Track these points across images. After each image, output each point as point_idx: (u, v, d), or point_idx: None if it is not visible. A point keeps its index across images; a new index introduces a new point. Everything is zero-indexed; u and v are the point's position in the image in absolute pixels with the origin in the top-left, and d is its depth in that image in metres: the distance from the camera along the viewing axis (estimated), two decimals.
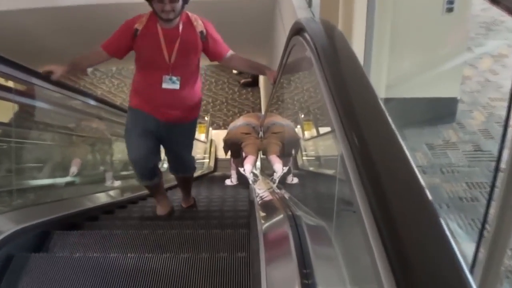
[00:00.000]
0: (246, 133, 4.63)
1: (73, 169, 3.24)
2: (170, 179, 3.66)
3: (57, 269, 1.55)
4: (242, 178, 4.62)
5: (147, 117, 2.27)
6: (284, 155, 4.53)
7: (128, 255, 1.56)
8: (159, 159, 2.43)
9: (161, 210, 2.69)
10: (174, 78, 2.15)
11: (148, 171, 2.41)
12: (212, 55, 2.26)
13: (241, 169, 4.45)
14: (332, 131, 0.78)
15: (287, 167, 4.12)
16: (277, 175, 3.99)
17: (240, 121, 4.86)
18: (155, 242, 1.74)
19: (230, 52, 2.28)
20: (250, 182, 4.15)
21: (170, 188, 3.90)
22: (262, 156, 5.50)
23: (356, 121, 0.71)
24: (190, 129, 2.43)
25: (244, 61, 2.31)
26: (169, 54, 2.11)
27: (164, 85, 2.13)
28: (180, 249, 1.71)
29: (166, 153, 2.48)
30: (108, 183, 3.87)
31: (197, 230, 1.79)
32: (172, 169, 2.59)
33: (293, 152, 4.70)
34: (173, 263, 1.51)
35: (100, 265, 1.54)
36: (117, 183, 4.00)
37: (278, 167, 4.10)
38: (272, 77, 2.25)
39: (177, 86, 2.15)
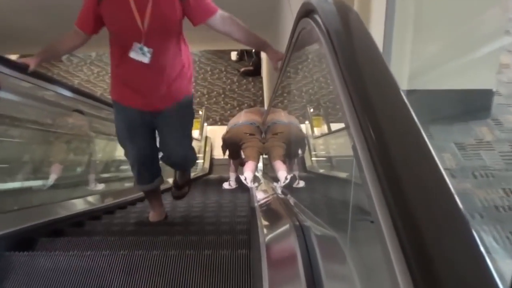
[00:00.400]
0: (250, 134, 4.70)
1: (53, 177, 3.26)
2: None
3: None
4: (241, 181, 4.67)
5: (129, 112, 2.26)
6: (289, 157, 4.61)
7: None
8: (155, 156, 2.44)
9: (154, 216, 2.74)
10: (146, 49, 2.09)
11: (148, 174, 2.46)
12: (196, 16, 2.11)
13: (241, 177, 4.49)
14: (346, 128, 0.78)
15: (291, 175, 4.14)
16: (280, 184, 4.03)
17: (242, 118, 4.92)
18: (130, 267, 1.70)
19: (221, 13, 2.12)
20: (251, 187, 4.17)
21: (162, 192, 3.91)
22: (265, 156, 5.53)
23: (374, 116, 0.72)
24: (183, 112, 2.34)
25: (240, 27, 2.14)
26: (142, 20, 2.04)
27: (132, 54, 2.08)
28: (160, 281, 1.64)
29: (160, 145, 2.46)
30: (91, 186, 3.89)
31: (184, 251, 1.74)
32: (168, 163, 2.53)
33: (299, 152, 4.74)
34: None
35: None
36: (101, 186, 4.02)
37: (282, 175, 4.14)
38: (276, 61, 2.16)
39: (146, 59, 2.09)
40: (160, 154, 2.48)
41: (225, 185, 4.96)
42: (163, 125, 2.31)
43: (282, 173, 4.19)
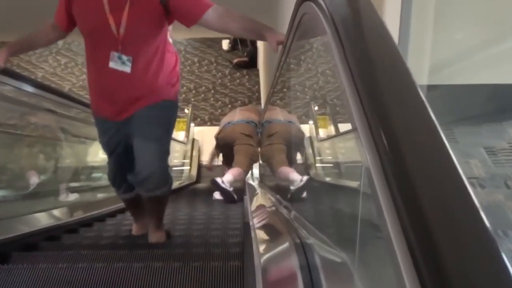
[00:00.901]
0: (246, 135, 4.77)
1: (33, 180, 3.31)
2: None
3: None
4: (237, 191, 4.70)
5: (107, 126, 2.36)
6: (288, 161, 4.67)
7: None
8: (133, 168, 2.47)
9: (138, 229, 2.76)
10: (125, 57, 2.10)
11: (127, 184, 2.52)
12: (186, 18, 2.11)
13: (218, 179, 4.51)
14: (354, 130, 0.78)
15: (307, 177, 4.19)
16: (297, 185, 4.06)
17: (238, 116, 4.98)
18: (111, 280, 1.73)
19: (214, 9, 2.09)
20: (245, 199, 4.19)
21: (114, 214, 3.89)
22: (261, 162, 5.55)
23: (386, 117, 0.72)
24: (157, 113, 2.28)
25: (237, 18, 2.09)
26: (117, 24, 2.06)
27: (112, 64, 2.09)
28: None
29: (132, 164, 2.41)
30: (61, 197, 3.88)
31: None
32: (136, 182, 2.39)
33: (297, 156, 4.80)
34: None
35: None
36: (73, 196, 4.02)
37: (296, 177, 4.16)
38: (275, 41, 2.13)
39: (127, 68, 2.10)
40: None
41: (216, 195, 4.98)
42: (133, 130, 2.30)
43: (294, 175, 4.23)
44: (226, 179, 4.58)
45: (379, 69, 0.85)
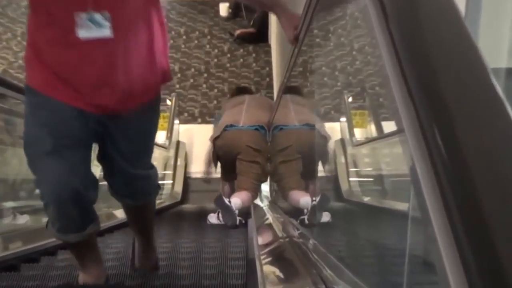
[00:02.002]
0: (255, 149, 4.89)
1: None
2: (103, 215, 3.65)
3: None
4: (241, 215, 4.77)
5: (62, 110, 2.22)
6: (306, 177, 4.83)
7: None
8: (95, 184, 2.42)
9: (87, 278, 2.68)
10: (98, 16, 2.09)
11: (77, 216, 2.37)
12: None
13: (226, 200, 4.76)
14: (399, 132, 0.79)
15: (319, 197, 4.23)
16: (308, 211, 4.11)
17: (244, 117, 5.06)
18: None
19: None
20: (251, 225, 4.21)
21: (102, 233, 3.92)
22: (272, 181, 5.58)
23: (444, 116, 0.73)
24: (149, 118, 2.39)
25: None
26: None
27: (83, 33, 2.07)
28: None
29: (104, 165, 2.45)
30: (7, 220, 3.90)
31: None
32: (118, 193, 2.51)
33: (317, 168, 4.88)
34: None
35: None
36: (24, 219, 4.04)
37: (305, 202, 4.33)
38: (293, 29, 2.13)
39: (106, 31, 2.05)
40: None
41: (212, 219, 5.02)
42: (117, 136, 2.31)
43: (305, 199, 4.31)
44: (235, 202, 4.72)
45: (434, 47, 0.86)
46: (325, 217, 4.10)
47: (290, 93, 5.06)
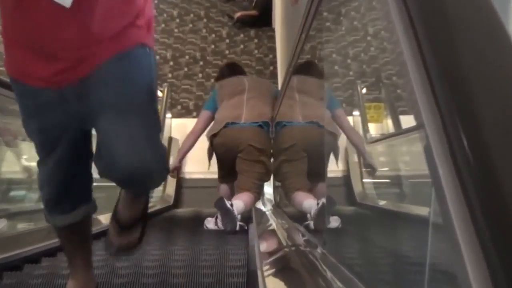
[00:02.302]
0: (259, 150, 4.95)
1: None
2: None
3: None
4: (243, 219, 4.77)
5: (41, 100, 2.25)
6: (312, 178, 4.87)
7: None
8: (88, 164, 2.44)
9: (76, 285, 2.72)
10: None
11: (66, 196, 2.46)
12: None
13: (227, 202, 4.76)
14: (419, 127, 0.79)
15: (324, 200, 4.24)
16: (313, 215, 4.12)
17: (246, 112, 5.09)
18: None
19: None
20: (251, 232, 4.22)
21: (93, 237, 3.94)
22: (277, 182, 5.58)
23: (470, 110, 0.73)
24: (134, 71, 2.31)
25: None
26: None
27: None
28: None
29: (98, 145, 2.44)
30: None
31: None
32: (113, 178, 2.49)
33: (324, 169, 4.89)
34: None
35: None
36: (1, 223, 4.06)
37: (309, 205, 4.36)
38: None
39: None
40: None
41: (209, 224, 5.03)
42: (95, 103, 2.29)
43: (309, 202, 4.33)
44: (237, 205, 4.74)
45: (459, 30, 0.85)
46: (334, 222, 4.12)
47: (299, 73, 5.00)
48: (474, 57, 0.80)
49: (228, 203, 4.71)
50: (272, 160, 5.19)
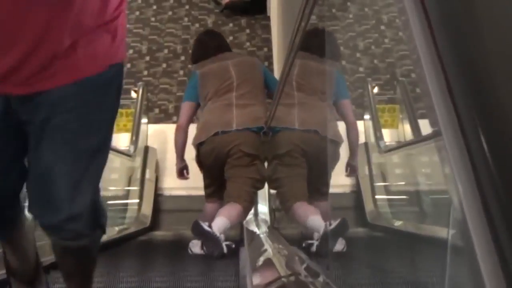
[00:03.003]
0: (251, 156, 5.09)
1: None
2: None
3: None
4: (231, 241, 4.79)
5: None
6: (313, 193, 4.90)
7: None
8: (19, 184, 2.46)
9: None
10: None
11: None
12: None
13: (204, 225, 4.78)
14: (435, 136, 0.80)
15: (338, 222, 4.25)
16: (319, 238, 4.13)
17: (236, 116, 5.10)
18: None
19: None
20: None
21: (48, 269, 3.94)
22: (272, 190, 5.57)
23: (494, 115, 0.74)
24: (96, 103, 2.35)
25: None
26: None
27: None
28: None
29: (30, 168, 2.47)
30: None
31: None
32: (45, 224, 2.50)
33: (327, 182, 4.91)
34: None
35: None
36: None
37: (315, 223, 4.37)
38: None
39: None
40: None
41: (195, 248, 5.04)
42: (42, 129, 2.32)
43: (316, 220, 4.36)
44: (218, 224, 4.73)
45: (482, 18, 0.86)
46: (339, 245, 4.12)
47: (301, 51, 4.91)
48: (500, 54, 0.81)
49: (205, 226, 4.71)
50: (266, 165, 5.19)
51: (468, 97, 0.77)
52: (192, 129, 5.44)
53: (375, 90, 7.47)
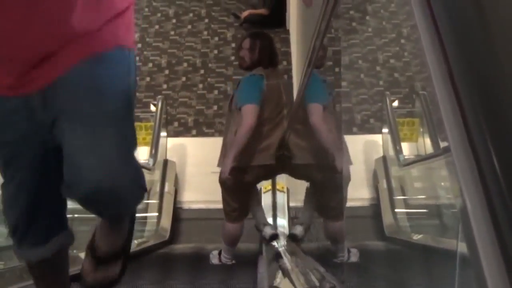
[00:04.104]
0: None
1: None
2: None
3: None
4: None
5: (5, 109, 2.27)
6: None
7: None
8: (59, 188, 2.44)
9: None
10: None
11: (37, 226, 2.47)
12: None
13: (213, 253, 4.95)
14: (446, 152, 0.79)
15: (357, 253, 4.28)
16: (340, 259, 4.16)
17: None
18: None
19: None
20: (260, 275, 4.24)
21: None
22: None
23: (505, 131, 0.73)
24: (109, 73, 2.34)
25: None
26: None
27: None
28: None
29: (65, 161, 2.45)
30: None
31: None
32: (78, 199, 2.52)
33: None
34: None
35: None
36: None
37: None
38: None
39: None
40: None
41: (214, 258, 5.05)
42: (63, 109, 2.30)
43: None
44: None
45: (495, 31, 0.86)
46: (353, 256, 4.12)
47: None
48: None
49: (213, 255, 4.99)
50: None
51: (479, 114, 0.77)
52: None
53: (395, 103, 7.45)
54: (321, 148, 4.83)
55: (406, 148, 7.03)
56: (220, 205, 5.57)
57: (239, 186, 5.08)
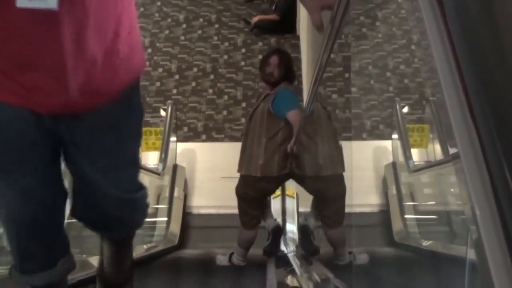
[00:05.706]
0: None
1: None
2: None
3: None
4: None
5: (9, 114, 2.27)
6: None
7: None
8: (61, 202, 2.45)
9: None
10: None
11: (42, 251, 2.46)
12: None
13: (219, 258, 5.07)
14: (455, 158, 0.79)
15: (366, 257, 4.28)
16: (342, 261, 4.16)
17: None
18: None
19: None
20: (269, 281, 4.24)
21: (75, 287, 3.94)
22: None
23: None
24: (123, 119, 2.42)
25: None
26: None
27: (20, 1, 2.08)
28: None
29: (74, 185, 2.48)
30: None
31: None
32: (89, 223, 2.60)
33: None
34: None
35: None
36: None
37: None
38: (319, 9, 2.13)
39: (51, 1, 2.09)
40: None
41: (222, 260, 5.09)
42: (86, 146, 2.34)
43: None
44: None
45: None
46: (363, 258, 4.11)
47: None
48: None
49: (221, 258, 5.09)
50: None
51: (489, 120, 0.77)
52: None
53: (404, 109, 7.44)
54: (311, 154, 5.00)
55: (416, 154, 7.01)
56: (229, 210, 5.60)
57: (264, 195, 5.26)
